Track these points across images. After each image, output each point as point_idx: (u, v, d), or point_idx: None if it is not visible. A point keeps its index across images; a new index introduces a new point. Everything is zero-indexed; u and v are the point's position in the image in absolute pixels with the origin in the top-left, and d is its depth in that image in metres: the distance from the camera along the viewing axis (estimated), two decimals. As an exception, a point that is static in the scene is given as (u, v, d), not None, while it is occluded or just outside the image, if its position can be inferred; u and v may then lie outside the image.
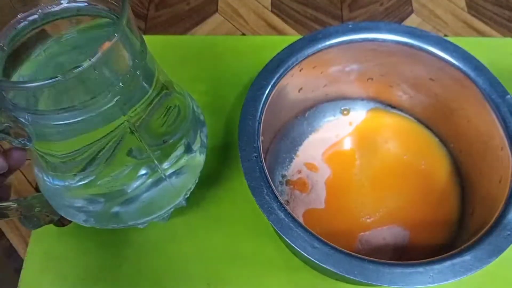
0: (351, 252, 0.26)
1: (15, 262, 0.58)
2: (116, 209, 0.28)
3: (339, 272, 0.26)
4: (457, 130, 0.37)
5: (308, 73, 0.36)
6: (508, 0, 0.81)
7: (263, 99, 0.32)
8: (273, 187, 0.29)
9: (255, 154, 0.30)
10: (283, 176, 0.38)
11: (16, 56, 0.23)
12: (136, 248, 0.37)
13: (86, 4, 0.24)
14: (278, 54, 0.34)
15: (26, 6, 0.24)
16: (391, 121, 0.40)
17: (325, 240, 0.27)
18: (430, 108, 0.38)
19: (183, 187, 0.31)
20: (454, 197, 0.36)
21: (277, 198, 0.28)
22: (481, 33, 0.77)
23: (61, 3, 0.24)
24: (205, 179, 0.34)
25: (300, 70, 0.34)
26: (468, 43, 0.35)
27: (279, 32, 0.79)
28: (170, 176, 0.29)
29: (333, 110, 0.41)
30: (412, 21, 0.79)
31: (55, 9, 0.24)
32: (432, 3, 0.81)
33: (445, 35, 0.76)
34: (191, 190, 0.33)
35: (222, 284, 0.35)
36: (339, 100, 0.41)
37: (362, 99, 0.41)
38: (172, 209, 0.32)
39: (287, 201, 0.37)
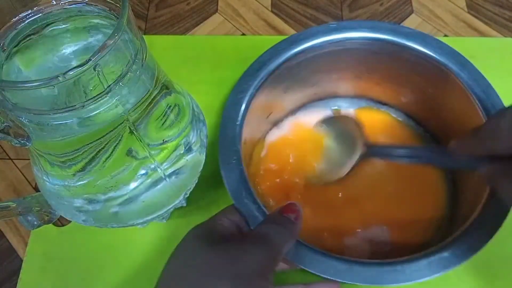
0: (325, 251, 0.27)
1: (14, 262, 0.58)
2: (115, 209, 0.28)
3: (314, 272, 0.26)
4: (445, 125, 0.36)
5: (293, 73, 0.36)
6: (508, 0, 0.81)
7: (245, 102, 0.32)
8: (253, 190, 0.29)
9: (235, 157, 0.30)
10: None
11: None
12: (136, 248, 0.37)
13: (86, 4, 0.24)
14: (259, 57, 0.34)
15: (26, 6, 0.24)
16: (380, 119, 0.40)
17: (301, 240, 0.27)
18: (418, 103, 0.38)
19: (182, 187, 0.31)
20: (444, 194, 0.36)
21: (256, 201, 0.28)
22: (481, 33, 0.77)
23: (61, 3, 0.24)
24: (205, 179, 0.34)
25: (284, 70, 0.34)
26: (468, 43, 0.35)
27: (279, 32, 0.79)
28: (169, 176, 0.29)
29: (324, 109, 0.41)
30: (412, 21, 0.79)
31: (55, 9, 0.24)
32: (432, 3, 0.81)
33: (445, 35, 0.76)
34: (191, 190, 0.33)
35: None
36: (329, 99, 0.41)
37: (352, 97, 0.41)
38: (172, 209, 0.32)
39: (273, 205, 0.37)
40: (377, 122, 0.40)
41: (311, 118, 0.39)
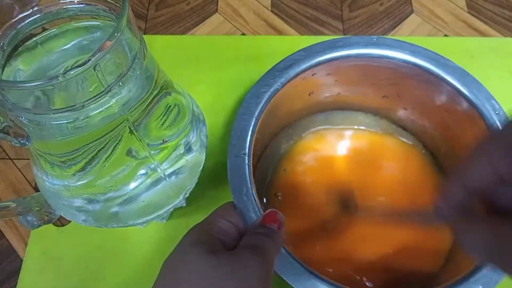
0: (315, 272, 0.26)
1: (14, 262, 0.58)
2: (115, 209, 0.28)
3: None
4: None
5: (321, 78, 0.35)
6: (508, 0, 0.81)
7: (266, 97, 0.31)
8: (253, 188, 0.28)
9: (244, 151, 0.29)
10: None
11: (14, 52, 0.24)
12: (136, 248, 0.37)
13: (86, 4, 0.24)
14: (292, 54, 0.33)
15: (26, 6, 0.24)
16: (393, 144, 0.39)
17: (287, 249, 0.26)
18: (435, 137, 0.37)
19: (182, 187, 0.31)
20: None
21: (254, 200, 0.27)
22: (481, 33, 0.77)
23: (61, 3, 0.24)
24: (205, 179, 0.34)
25: (314, 73, 0.34)
26: (468, 43, 0.34)
27: (279, 32, 0.79)
28: (169, 175, 0.29)
29: (345, 120, 0.40)
30: (412, 21, 0.79)
31: (55, 9, 0.24)
32: (432, 3, 0.81)
33: (445, 35, 0.76)
34: (191, 190, 0.32)
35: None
36: (351, 111, 0.40)
37: (374, 115, 0.40)
38: (171, 209, 0.32)
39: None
40: (387, 146, 0.39)
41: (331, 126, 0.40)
